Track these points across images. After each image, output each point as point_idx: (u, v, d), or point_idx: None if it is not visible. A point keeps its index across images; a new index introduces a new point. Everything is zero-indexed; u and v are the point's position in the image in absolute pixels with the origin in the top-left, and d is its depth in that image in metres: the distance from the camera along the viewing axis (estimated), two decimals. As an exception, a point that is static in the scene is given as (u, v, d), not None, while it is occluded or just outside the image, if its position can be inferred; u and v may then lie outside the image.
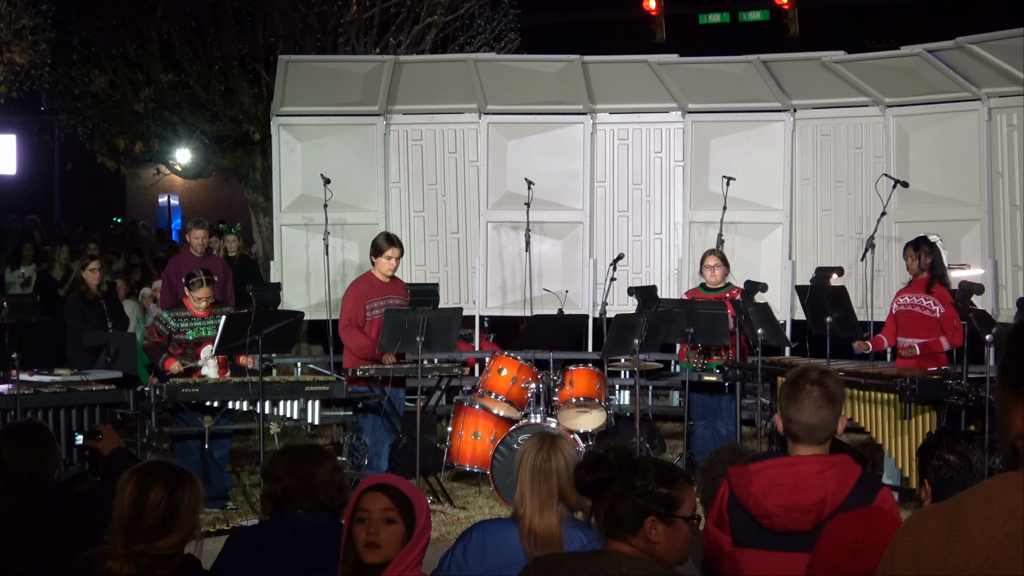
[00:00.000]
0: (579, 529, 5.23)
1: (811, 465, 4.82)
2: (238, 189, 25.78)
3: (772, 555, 4.83)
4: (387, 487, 4.36)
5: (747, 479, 4.89)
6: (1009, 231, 14.49)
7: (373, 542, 4.30)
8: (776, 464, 4.88)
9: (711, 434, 12.90)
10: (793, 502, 4.76)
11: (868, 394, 11.05)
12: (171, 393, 11.41)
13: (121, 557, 4.29)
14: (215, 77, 20.08)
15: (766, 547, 4.84)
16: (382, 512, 4.31)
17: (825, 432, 4.91)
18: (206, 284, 12.12)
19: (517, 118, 16.41)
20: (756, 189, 15.78)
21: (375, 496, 4.33)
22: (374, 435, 12.55)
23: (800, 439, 4.92)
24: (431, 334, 11.76)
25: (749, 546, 4.90)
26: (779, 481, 4.80)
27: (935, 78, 14.89)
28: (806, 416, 4.88)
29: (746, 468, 4.93)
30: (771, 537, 4.83)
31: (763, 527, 4.84)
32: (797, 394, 4.90)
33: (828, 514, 4.74)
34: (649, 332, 11.86)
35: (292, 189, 16.15)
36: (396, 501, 4.33)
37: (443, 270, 16.39)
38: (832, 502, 4.75)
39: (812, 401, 4.87)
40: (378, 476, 4.49)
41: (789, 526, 4.78)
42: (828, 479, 4.77)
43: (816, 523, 4.75)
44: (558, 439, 5.46)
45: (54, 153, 32.16)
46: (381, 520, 4.30)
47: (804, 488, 4.77)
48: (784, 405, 4.96)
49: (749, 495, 4.85)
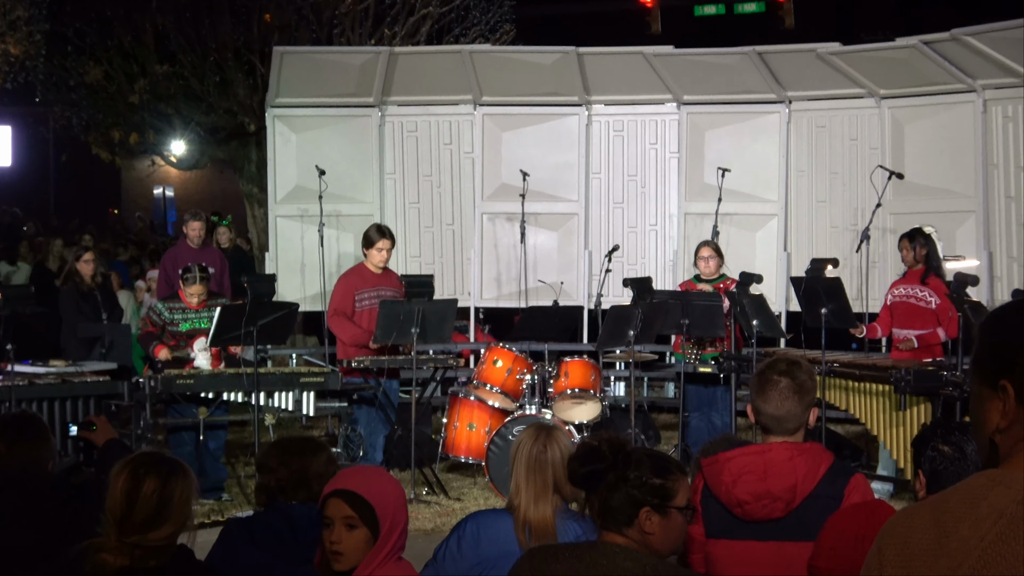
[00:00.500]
0: (574, 520, 5.23)
1: (780, 452, 4.84)
2: (233, 181, 25.76)
3: (744, 544, 4.85)
4: (346, 493, 4.24)
5: (718, 468, 4.91)
6: (1004, 222, 14.50)
7: (336, 551, 4.22)
8: (746, 452, 4.91)
9: (706, 425, 12.90)
10: (763, 489, 4.78)
11: (863, 385, 11.07)
12: (166, 384, 11.39)
13: (114, 549, 4.28)
14: (210, 68, 20.05)
15: (738, 537, 4.86)
16: (343, 520, 4.20)
17: (793, 423, 4.92)
18: (200, 281, 12.09)
19: (512, 109, 16.40)
20: (751, 181, 15.78)
21: (335, 503, 4.23)
22: (369, 426, 12.55)
23: (769, 430, 4.95)
24: (426, 325, 11.75)
25: (721, 536, 4.92)
26: (749, 469, 4.83)
27: (930, 70, 14.90)
28: (772, 407, 4.90)
29: (717, 458, 4.96)
30: (743, 527, 4.85)
31: (735, 516, 4.86)
32: (764, 385, 4.92)
33: (799, 501, 4.76)
34: (644, 323, 11.86)
35: (287, 180, 16.13)
36: (356, 507, 4.21)
37: (438, 261, 16.38)
38: (803, 489, 4.77)
39: (778, 392, 4.89)
40: (342, 478, 4.33)
41: (760, 514, 4.80)
42: (798, 466, 4.80)
43: (787, 510, 4.77)
44: (554, 430, 5.46)
45: (49, 145, 32.12)
46: (343, 527, 4.21)
47: (774, 475, 4.79)
48: (753, 395, 4.99)
49: (720, 484, 4.88)
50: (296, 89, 16.32)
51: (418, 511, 11.32)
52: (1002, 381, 2.40)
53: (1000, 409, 2.42)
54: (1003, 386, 2.40)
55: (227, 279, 15.19)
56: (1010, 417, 2.41)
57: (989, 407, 2.44)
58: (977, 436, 2.53)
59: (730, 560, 4.88)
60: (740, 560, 4.85)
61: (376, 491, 4.27)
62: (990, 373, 2.44)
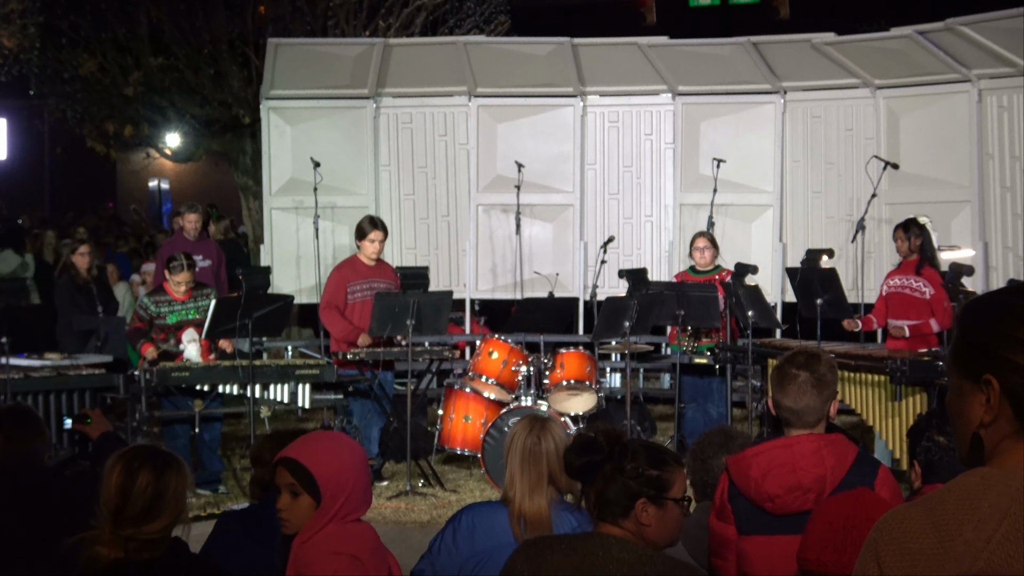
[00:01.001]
0: (569, 512, 5.22)
1: (807, 444, 4.85)
2: (228, 173, 25.73)
3: (777, 539, 4.84)
4: (288, 461, 4.33)
5: (745, 464, 4.91)
6: (999, 213, 14.50)
7: (283, 517, 4.34)
8: (772, 447, 4.91)
9: (702, 416, 12.90)
10: (794, 482, 4.79)
11: (859, 376, 11.05)
12: (161, 377, 11.39)
13: (109, 542, 4.27)
14: (204, 61, 20.06)
15: (771, 532, 4.86)
16: (287, 487, 4.33)
17: (814, 416, 4.93)
18: (187, 269, 12.06)
19: (507, 101, 16.38)
20: (746, 171, 15.77)
21: (281, 471, 4.35)
22: (364, 419, 12.55)
23: (791, 423, 4.96)
24: (421, 317, 11.74)
25: (754, 533, 4.91)
26: (777, 463, 4.83)
27: (925, 60, 14.90)
28: (791, 401, 4.91)
29: (743, 455, 4.96)
30: (775, 521, 4.85)
31: (766, 512, 4.87)
32: (784, 379, 4.94)
33: (829, 492, 4.77)
34: (639, 314, 11.86)
35: (282, 173, 16.11)
36: (297, 475, 4.30)
37: (433, 253, 16.37)
38: (832, 480, 4.78)
39: (797, 386, 4.90)
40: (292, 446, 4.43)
41: (792, 507, 4.80)
42: (826, 456, 4.81)
43: (818, 501, 4.76)
44: (548, 422, 5.45)
45: (44, 137, 32.11)
46: (287, 494, 4.33)
47: (803, 467, 4.80)
48: (774, 390, 5.00)
49: (749, 480, 4.87)
50: (291, 81, 16.30)
51: (414, 503, 11.33)
52: (986, 375, 2.38)
53: (984, 403, 2.39)
54: (987, 380, 2.38)
55: (224, 272, 15.19)
56: (995, 411, 2.38)
57: (971, 401, 2.42)
58: (957, 431, 2.49)
59: (765, 556, 4.88)
60: (775, 555, 4.84)
61: (319, 459, 4.32)
62: (972, 367, 2.42)
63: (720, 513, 5.05)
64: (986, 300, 2.48)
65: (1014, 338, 2.34)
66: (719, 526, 5.05)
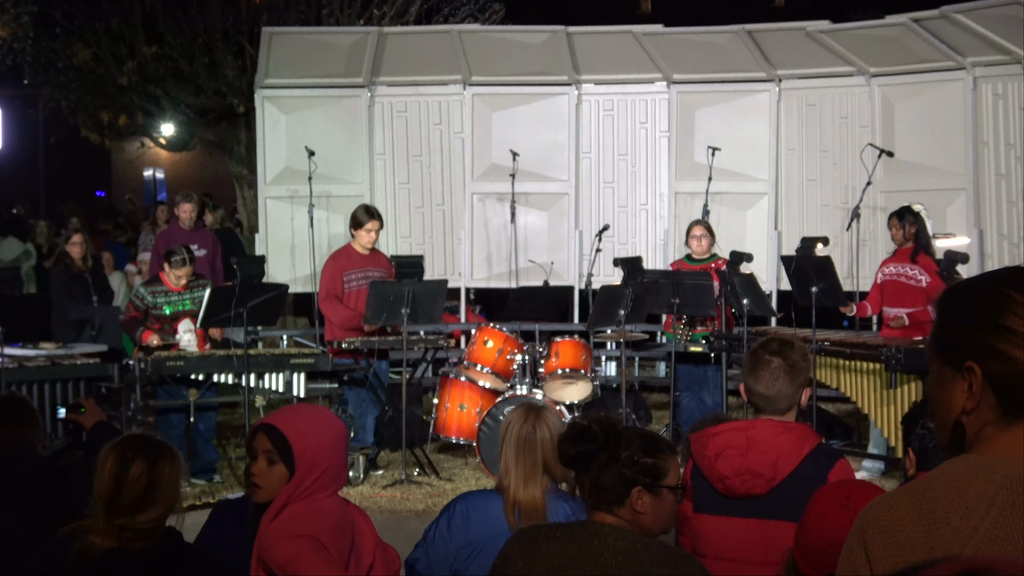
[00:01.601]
0: (563, 500, 5.22)
1: (765, 429, 4.88)
2: (223, 162, 25.71)
3: (726, 520, 4.89)
4: (268, 427, 4.34)
5: (703, 444, 4.95)
6: (994, 200, 14.50)
7: (254, 482, 4.35)
8: (731, 428, 4.95)
9: (697, 404, 12.92)
10: (744, 465, 4.81)
11: (854, 364, 11.07)
12: (156, 366, 11.39)
13: (102, 531, 4.27)
14: (199, 50, 20.02)
15: (721, 512, 4.90)
16: (263, 453, 4.34)
17: (784, 403, 4.96)
18: (188, 263, 12.07)
19: (502, 89, 16.36)
20: (741, 159, 15.76)
21: (260, 436, 4.35)
22: (359, 407, 12.56)
23: (761, 409, 4.99)
24: (416, 306, 11.74)
25: (706, 512, 4.95)
26: (732, 444, 4.86)
27: (920, 47, 14.89)
28: (763, 386, 4.93)
29: (703, 432, 5.00)
30: (726, 503, 4.89)
31: (719, 492, 4.89)
32: (756, 364, 4.96)
33: (780, 479, 4.78)
34: (634, 303, 11.86)
35: (276, 162, 16.09)
36: (275, 442, 4.31)
37: (428, 242, 16.35)
38: (784, 466, 4.80)
39: (770, 372, 4.92)
40: (276, 413, 4.46)
41: (739, 489, 4.83)
42: (781, 443, 4.83)
43: (768, 487, 4.79)
44: (543, 410, 5.45)
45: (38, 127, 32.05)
46: (263, 460, 4.34)
47: (755, 451, 4.82)
48: (746, 375, 5.02)
49: (704, 458, 4.91)
50: (285, 70, 16.28)
51: (409, 492, 11.33)
52: (968, 363, 2.37)
53: (966, 391, 2.38)
54: (969, 367, 2.37)
55: (220, 261, 15.18)
56: (977, 398, 2.37)
57: (953, 389, 2.41)
58: (938, 418, 2.48)
59: (714, 535, 4.92)
60: (723, 536, 4.88)
61: (301, 430, 4.34)
62: (953, 354, 2.41)
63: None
64: (965, 286, 2.47)
65: (995, 324, 2.33)
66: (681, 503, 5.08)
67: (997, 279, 2.41)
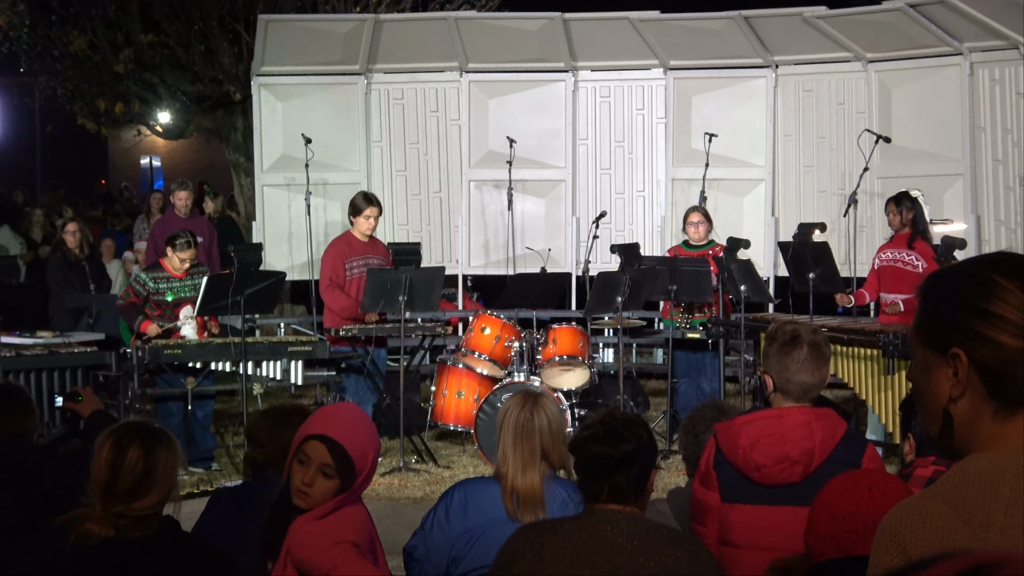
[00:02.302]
0: (561, 487, 5.22)
1: (798, 416, 4.86)
2: (219, 150, 25.70)
3: (761, 509, 4.85)
4: (330, 441, 4.21)
5: (735, 432, 4.91)
6: (991, 186, 14.50)
7: (304, 491, 4.20)
8: (763, 416, 4.92)
9: (694, 391, 12.90)
10: (782, 453, 4.79)
11: (851, 350, 11.06)
12: (153, 355, 11.37)
13: (99, 519, 4.27)
14: (195, 37, 19.98)
15: (755, 501, 4.87)
16: (320, 464, 4.19)
17: (817, 390, 4.97)
18: (192, 246, 12.09)
19: (498, 76, 16.34)
20: (738, 146, 15.75)
21: (317, 446, 4.20)
22: (357, 395, 12.55)
23: (795, 397, 4.95)
24: (414, 293, 11.73)
25: (738, 501, 4.92)
26: (767, 432, 4.84)
27: (917, 33, 14.89)
28: (808, 376, 4.92)
29: (733, 422, 4.96)
30: (760, 491, 4.86)
31: (752, 481, 4.87)
32: (796, 354, 4.92)
33: (816, 465, 4.77)
34: (632, 290, 11.85)
35: (273, 149, 16.08)
36: (336, 457, 4.19)
37: (425, 229, 16.34)
38: (820, 454, 4.79)
39: (812, 362, 4.93)
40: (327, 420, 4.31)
41: (778, 478, 4.81)
42: (815, 430, 4.82)
43: (804, 474, 4.78)
44: (540, 397, 5.44)
45: (35, 115, 32.04)
46: (318, 472, 4.19)
47: (792, 439, 4.81)
48: (783, 364, 4.97)
49: (737, 448, 4.88)
50: (281, 58, 16.26)
51: (407, 479, 11.33)
52: (953, 348, 2.34)
53: (951, 377, 2.35)
54: (955, 353, 2.34)
55: (215, 249, 15.16)
56: (963, 385, 2.34)
57: (939, 376, 2.37)
58: (925, 406, 2.44)
59: (747, 525, 4.89)
60: (757, 525, 4.86)
61: (360, 445, 4.25)
62: (938, 340, 2.38)
63: (704, 479, 5.05)
64: (950, 271, 2.43)
65: (983, 310, 2.30)
66: (702, 492, 5.06)
67: (981, 264, 2.38)
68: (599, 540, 4.03)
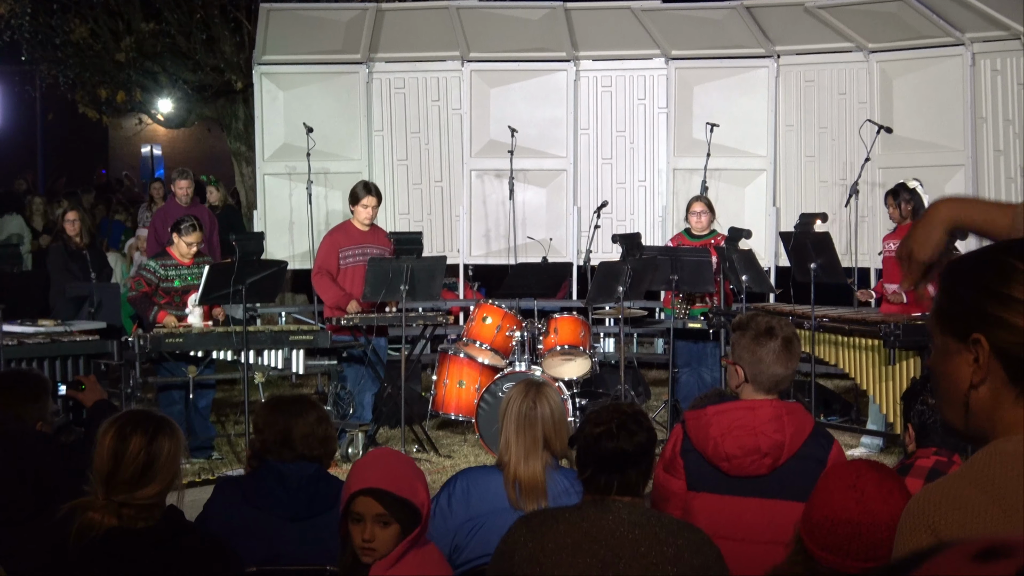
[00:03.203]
0: (563, 476, 5.24)
1: (769, 410, 4.89)
2: (221, 139, 25.67)
3: (727, 499, 4.89)
4: (376, 491, 4.15)
5: (705, 422, 4.93)
6: (993, 176, 14.49)
7: (367, 548, 4.15)
8: (736, 407, 4.94)
9: (695, 381, 12.91)
10: (753, 445, 4.82)
11: (852, 340, 11.07)
12: (155, 343, 11.37)
13: (102, 508, 4.27)
14: (196, 26, 19.95)
15: (721, 491, 4.90)
16: (375, 517, 4.14)
17: (788, 383, 5.02)
18: (199, 228, 12.12)
19: (500, 65, 16.34)
20: (740, 136, 15.75)
21: (366, 501, 4.15)
22: (358, 384, 12.54)
23: (765, 389, 4.98)
24: (415, 282, 11.74)
25: (704, 490, 4.94)
26: (739, 424, 4.86)
27: (919, 23, 14.87)
28: (781, 368, 4.95)
29: (704, 411, 4.98)
30: (727, 481, 4.89)
31: (719, 471, 4.89)
32: (771, 345, 4.94)
33: (784, 459, 4.79)
34: (633, 279, 11.86)
35: (275, 138, 16.07)
36: (387, 504, 4.14)
37: (427, 219, 16.35)
38: (789, 448, 4.81)
39: (785, 354, 4.94)
40: (366, 474, 4.23)
41: (747, 469, 4.83)
42: (786, 424, 4.85)
43: (772, 467, 4.81)
44: (543, 387, 5.46)
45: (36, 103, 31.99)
46: (375, 524, 4.14)
47: (763, 432, 4.83)
48: (756, 356, 4.98)
49: (708, 438, 4.90)
50: (283, 46, 16.25)
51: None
52: (974, 335, 2.34)
53: (972, 363, 2.35)
54: (976, 339, 2.34)
55: (216, 238, 15.16)
56: (984, 371, 2.34)
57: (959, 362, 2.37)
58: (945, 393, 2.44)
59: (712, 513, 4.90)
60: (722, 514, 4.88)
61: (406, 483, 4.20)
62: (958, 326, 2.37)
63: (669, 466, 5.06)
64: (972, 257, 2.42)
65: (1004, 295, 2.30)
66: (665, 478, 5.07)
67: (1001, 250, 2.38)
68: (600, 529, 4.05)
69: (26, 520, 5.53)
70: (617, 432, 4.24)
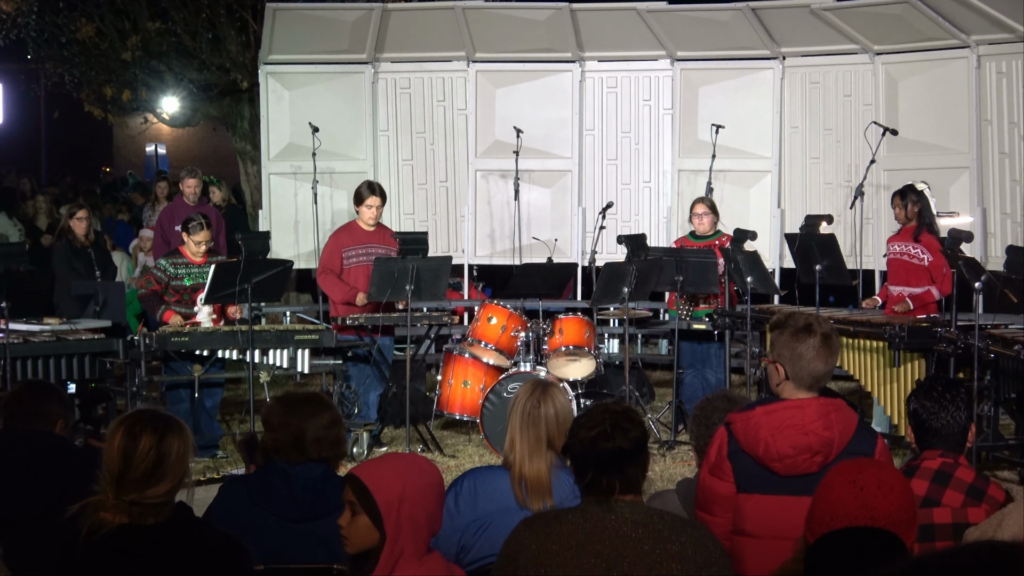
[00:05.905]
0: (566, 472, 5.25)
1: (817, 408, 4.90)
2: (226, 138, 25.69)
3: (779, 499, 4.88)
4: (351, 476, 4.13)
5: (755, 423, 4.91)
6: (998, 178, 14.50)
7: (343, 535, 4.14)
8: (784, 407, 4.94)
9: (700, 382, 12.92)
10: (804, 443, 4.82)
11: (857, 342, 11.08)
12: (161, 342, 11.40)
13: (112, 507, 4.27)
14: (202, 25, 19.96)
15: (773, 492, 4.89)
16: (347, 503, 4.12)
17: (828, 380, 5.03)
18: (207, 227, 12.14)
19: (505, 66, 16.35)
20: (745, 137, 15.76)
21: (347, 487, 4.15)
22: (363, 384, 12.56)
23: (807, 386, 4.97)
24: (420, 282, 11.75)
25: (754, 491, 4.93)
26: (788, 423, 4.86)
27: (924, 25, 14.88)
28: (821, 364, 4.96)
29: (752, 412, 4.96)
30: (778, 481, 4.88)
31: (770, 472, 4.88)
32: (811, 341, 4.94)
33: (834, 456, 4.80)
34: (638, 280, 11.87)
35: (280, 138, 16.09)
36: (356, 492, 4.10)
37: (432, 219, 16.36)
38: (838, 445, 4.83)
39: (825, 350, 4.94)
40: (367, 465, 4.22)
41: (799, 468, 4.83)
42: (834, 421, 4.86)
43: (823, 465, 4.80)
44: (550, 387, 5.48)
45: (41, 101, 32.03)
46: (348, 511, 4.12)
47: (813, 430, 4.84)
48: (796, 353, 4.98)
49: (758, 439, 4.89)
50: (289, 46, 16.27)
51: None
52: None
53: None
54: None
55: (223, 237, 15.18)
56: None
57: None
58: None
59: (764, 515, 4.90)
60: (775, 515, 4.87)
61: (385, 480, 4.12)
62: None
63: (715, 469, 5.04)
64: None
65: None
66: (712, 482, 5.06)
67: None
68: (604, 529, 4.07)
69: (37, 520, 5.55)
70: (612, 432, 4.24)
